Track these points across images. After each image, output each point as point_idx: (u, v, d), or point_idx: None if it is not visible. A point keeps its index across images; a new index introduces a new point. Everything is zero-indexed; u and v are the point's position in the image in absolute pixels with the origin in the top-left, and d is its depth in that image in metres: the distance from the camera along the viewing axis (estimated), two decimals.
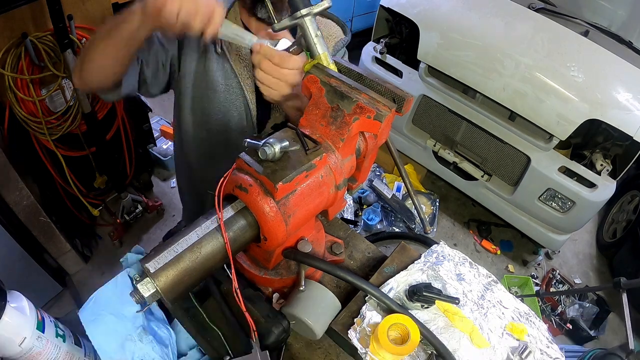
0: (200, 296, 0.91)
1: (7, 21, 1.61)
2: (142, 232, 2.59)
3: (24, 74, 1.71)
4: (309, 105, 0.79)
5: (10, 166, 1.69)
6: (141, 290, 0.62)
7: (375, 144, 0.84)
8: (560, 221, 2.42)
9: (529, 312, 0.90)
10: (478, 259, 2.84)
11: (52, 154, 1.98)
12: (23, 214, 1.83)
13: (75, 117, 1.92)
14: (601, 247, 3.08)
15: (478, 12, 2.47)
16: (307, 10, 0.79)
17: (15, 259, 1.87)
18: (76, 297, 2.14)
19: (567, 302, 2.52)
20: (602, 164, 2.31)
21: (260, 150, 0.68)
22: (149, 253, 0.67)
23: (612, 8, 2.72)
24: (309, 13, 0.79)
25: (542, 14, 2.46)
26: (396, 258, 0.99)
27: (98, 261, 2.38)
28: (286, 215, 0.70)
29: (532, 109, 2.23)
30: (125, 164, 2.37)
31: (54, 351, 0.85)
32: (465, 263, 0.97)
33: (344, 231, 1.12)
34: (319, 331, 0.82)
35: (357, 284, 0.80)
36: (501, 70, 2.26)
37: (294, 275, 0.87)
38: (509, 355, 0.82)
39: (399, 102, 0.76)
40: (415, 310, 0.86)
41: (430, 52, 2.48)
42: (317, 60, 0.82)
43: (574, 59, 2.22)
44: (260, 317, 0.80)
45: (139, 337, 0.83)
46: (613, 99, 2.15)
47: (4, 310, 0.77)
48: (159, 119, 3.11)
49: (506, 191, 2.59)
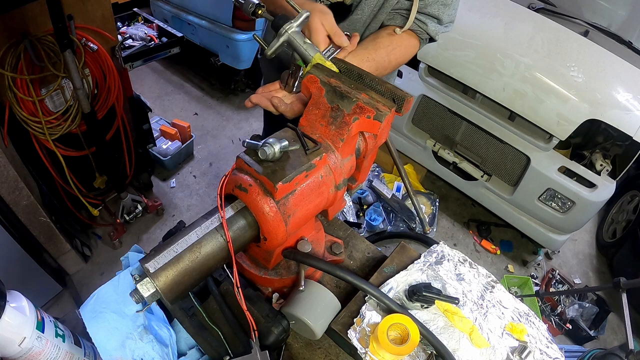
0: (200, 296, 0.91)
1: (7, 21, 1.61)
2: (142, 232, 2.59)
3: (23, 74, 1.70)
4: (309, 105, 0.79)
5: (10, 166, 1.69)
6: (141, 290, 0.62)
7: (375, 144, 0.84)
8: (560, 221, 2.42)
9: (528, 312, 0.90)
10: (478, 259, 2.84)
11: (52, 154, 1.98)
12: (23, 214, 1.83)
13: (75, 117, 1.92)
14: (601, 247, 3.08)
15: (478, 12, 2.47)
16: (289, 24, 0.84)
17: (15, 259, 1.87)
18: (76, 297, 2.14)
19: (567, 302, 2.52)
20: (602, 164, 2.31)
21: (260, 150, 0.68)
22: (148, 253, 0.67)
23: (612, 8, 2.72)
24: (291, 26, 0.84)
25: (542, 14, 2.46)
26: (396, 258, 0.99)
27: (98, 261, 2.38)
28: (286, 215, 0.70)
29: (532, 109, 2.23)
30: (125, 164, 2.37)
31: (53, 351, 0.85)
32: (465, 263, 0.97)
33: (344, 231, 1.12)
34: (319, 331, 0.82)
35: (356, 284, 0.80)
36: (501, 70, 2.26)
37: (293, 275, 0.87)
38: (509, 355, 0.82)
39: (398, 102, 0.76)
40: (415, 310, 0.86)
41: (430, 52, 2.48)
42: (313, 62, 0.83)
43: (573, 59, 2.22)
44: (260, 317, 0.80)
45: (139, 336, 0.84)
46: (613, 99, 2.15)
47: (4, 310, 0.77)
48: (159, 119, 3.11)
49: (506, 191, 2.59)
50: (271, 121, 1.63)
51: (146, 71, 3.91)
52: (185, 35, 2.53)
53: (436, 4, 1.04)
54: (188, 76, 3.95)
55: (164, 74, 3.95)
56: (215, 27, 3.22)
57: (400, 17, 1.07)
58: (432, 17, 1.06)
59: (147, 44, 2.41)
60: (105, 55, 1.94)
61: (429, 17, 1.06)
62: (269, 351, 0.76)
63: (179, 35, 2.46)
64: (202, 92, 3.80)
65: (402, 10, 1.06)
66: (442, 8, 1.05)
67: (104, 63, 1.95)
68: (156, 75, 3.92)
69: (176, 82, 3.87)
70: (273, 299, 0.90)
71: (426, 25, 1.06)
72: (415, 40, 1.10)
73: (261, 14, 0.87)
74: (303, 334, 0.87)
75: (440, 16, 1.06)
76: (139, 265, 0.92)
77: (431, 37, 1.10)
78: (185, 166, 3.07)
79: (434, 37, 1.09)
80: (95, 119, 1.97)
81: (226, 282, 0.90)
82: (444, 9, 1.05)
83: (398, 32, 1.05)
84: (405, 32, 1.07)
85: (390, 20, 1.09)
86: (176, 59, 3.75)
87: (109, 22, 1.99)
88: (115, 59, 2.05)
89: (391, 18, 1.08)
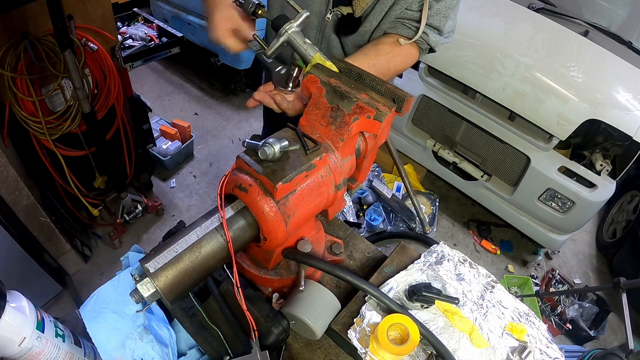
0: (200, 296, 0.91)
1: (7, 21, 1.61)
2: (142, 232, 2.59)
3: (23, 74, 1.70)
4: (309, 105, 0.79)
5: (9, 166, 1.69)
6: (141, 290, 0.62)
7: (375, 144, 0.84)
8: (560, 221, 2.42)
9: (528, 312, 0.90)
10: (478, 259, 2.84)
11: (52, 154, 1.98)
12: (23, 213, 1.83)
13: (75, 117, 1.92)
14: (601, 247, 3.08)
15: (478, 12, 2.47)
16: (289, 24, 0.84)
17: (15, 259, 1.86)
18: (76, 297, 2.14)
19: (567, 302, 2.52)
20: (601, 164, 2.31)
21: (260, 150, 0.68)
22: (148, 253, 0.67)
23: (612, 8, 2.72)
24: (291, 26, 0.84)
25: (542, 14, 2.46)
26: (396, 258, 0.99)
27: (98, 261, 2.38)
28: (286, 215, 0.70)
29: (532, 109, 2.23)
30: (125, 164, 2.37)
31: (53, 351, 0.85)
32: (465, 263, 0.97)
33: (344, 231, 1.12)
34: (319, 331, 0.82)
35: (356, 284, 0.80)
36: (501, 70, 2.26)
37: (293, 275, 0.87)
38: (509, 355, 0.82)
39: (398, 102, 0.76)
40: (415, 310, 0.86)
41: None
42: (313, 62, 0.83)
43: (573, 59, 2.22)
44: (260, 317, 0.80)
45: (139, 336, 0.84)
46: (613, 99, 2.15)
47: (4, 310, 0.77)
48: (159, 119, 3.11)
49: (506, 191, 2.59)
50: (271, 121, 1.63)
51: (146, 71, 3.91)
52: (185, 35, 2.53)
53: (438, 15, 1.05)
54: (188, 76, 3.95)
55: (164, 74, 3.95)
56: None
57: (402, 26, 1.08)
58: (433, 28, 1.08)
59: (147, 44, 2.41)
60: (105, 55, 1.94)
61: (430, 28, 1.08)
62: (269, 351, 0.76)
63: (179, 35, 2.46)
64: (202, 92, 3.80)
65: (405, 20, 1.07)
66: (443, 20, 1.06)
67: (104, 63, 1.95)
68: (156, 75, 3.92)
69: (176, 82, 3.87)
70: (273, 299, 0.90)
71: (427, 36, 1.08)
72: (415, 50, 1.12)
73: (261, 14, 0.87)
74: (303, 334, 0.87)
75: (441, 27, 1.08)
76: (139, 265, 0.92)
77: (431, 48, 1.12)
78: (185, 166, 3.06)
79: (434, 47, 1.11)
80: (95, 119, 1.97)
81: (226, 282, 0.90)
82: (445, 20, 1.07)
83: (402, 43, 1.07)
84: None
85: (392, 29, 1.10)
86: (176, 59, 3.75)
87: (109, 22, 1.99)
88: (115, 59, 2.05)
89: (393, 26, 1.10)
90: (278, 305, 0.88)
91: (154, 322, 0.87)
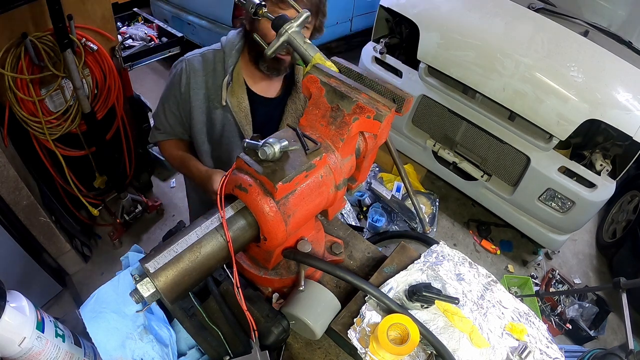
0: (200, 296, 0.91)
1: (7, 21, 1.61)
2: (142, 232, 2.59)
3: (23, 74, 1.70)
4: (309, 105, 0.79)
5: (10, 166, 1.69)
6: (141, 290, 0.62)
7: (375, 144, 0.84)
8: (560, 221, 2.42)
9: (528, 312, 0.90)
10: (478, 259, 2.84)
11: (52, 154, 1.98)
12: (23, 213, 1.83)
13: (75, 117, 1.92)
14: (601, 247, 3.07)
15: (478, 12, 2.47)
16: (289, 24, 0.84)
17: (15, 259, 1.87)
18: (76, 297, 2.14)
19: (567, 302, 2.52)
20: (601, 164, 2.31)
21: (260, 150, 0.68)
22: (148, 253, 0.67)
23: (612, 8, 2.72)
24: (291, 26, 0.84)
25: (542, 14, 2.45)
26: (396, 258, 0.99)
27: (98, 261, 2.38)
28: (286, 215, 0.70)
29: (532, 109, 2.23)
30: (125, 164, 2.37)
31: (53, 351, 0.85)
32: (465, 263, 0.97)
33: (344, 231, 1.12)
34: (319, 331, 0.82)
35: (356, 284, 0.80)
36: (501, 70, 2.26)
37: (293, 275, 0.87)
38: (509, 355, 0.82)
39: (398, 102, 0.76)
40: (415, 310, 0.86)
41: (430, 52, 2.48)
42: (313, 62, 0.83)
43: (573, 59, 2.22)
44: (260, 317, 0.80)
45: (139, 336, 0.84)
46: (613, 99, 2.15)
47: (4, 310, 0.77)
48: None
49: (506, 191, 2.59)
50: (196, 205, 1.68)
51: (146, 71, 3.90)
52: (185, 35, 2.53)
53: None
54: None
55: (164, 74, 3.95)
56: (215, 27, 3.22)
57: None
58: None
59: (147, 44, 2.41)
60: (105, 55, 1.94)
61: None
62: (269, 351, 0.76)
63: (179, 35, 2.46)
64: None
65: None
66: None
67: (104, 63, 1.95)
68: (156, 75, 3.92)
69: None
70: (273, 299, 0.90)
71: None
72: None
73: (262, 14, 0.87)
74: (303, 334, 0.87)
75: None
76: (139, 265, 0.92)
77: None
78: None
79: None
80: (95, 119, 1.97)
81: (226, 282, 0.90)
82: None
83: None
84: None
85: None
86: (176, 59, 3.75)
87: (109, 22, 1.99)
88: (115, 59, 2.05)
89: None
90: (278, 305, 0.88)
91: (154, 322, 0.87)
